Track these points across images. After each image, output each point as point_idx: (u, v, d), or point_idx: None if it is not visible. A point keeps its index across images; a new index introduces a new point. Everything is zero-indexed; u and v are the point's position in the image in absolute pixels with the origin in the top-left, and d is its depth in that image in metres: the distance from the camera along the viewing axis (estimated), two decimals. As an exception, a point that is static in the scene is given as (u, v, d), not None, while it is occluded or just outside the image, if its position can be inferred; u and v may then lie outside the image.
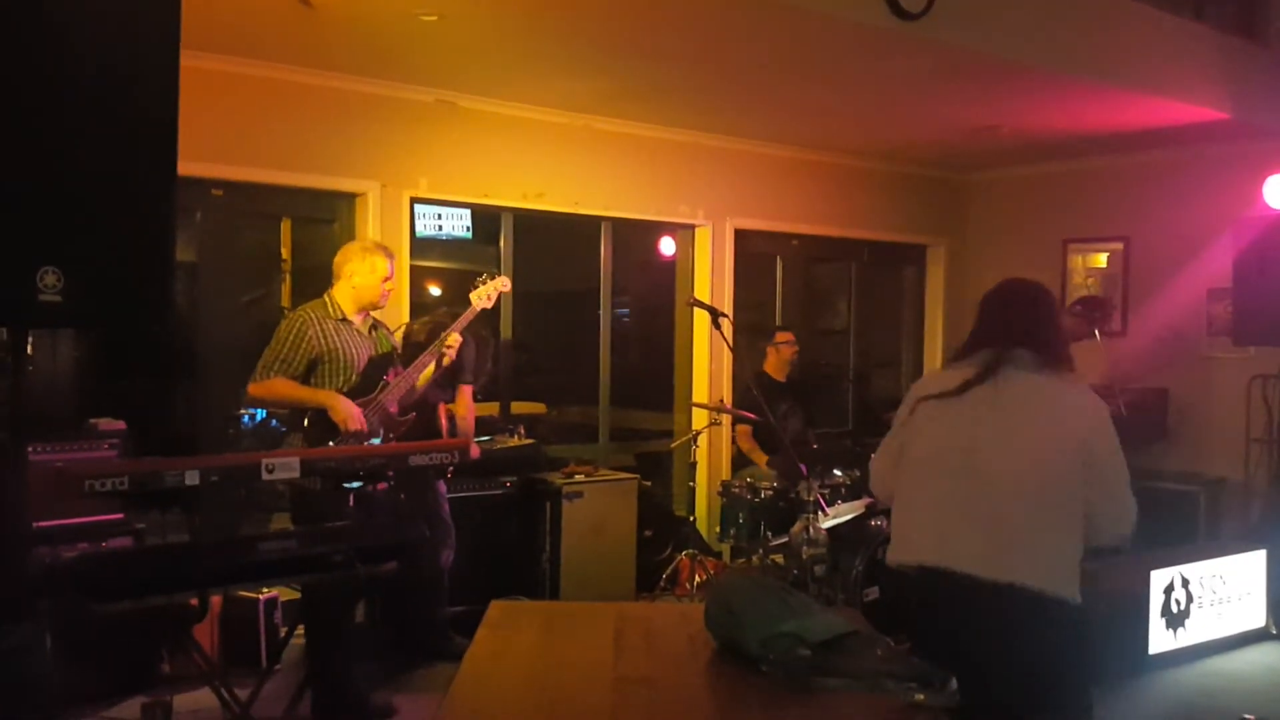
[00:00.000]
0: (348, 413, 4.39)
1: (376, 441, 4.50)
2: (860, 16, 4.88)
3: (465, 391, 5.52)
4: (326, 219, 6.29)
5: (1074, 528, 2.74)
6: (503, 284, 4.96)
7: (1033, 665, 2.71)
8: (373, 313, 4.75)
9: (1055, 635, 2.72)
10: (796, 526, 5.11)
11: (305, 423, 4.43)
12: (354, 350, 4.55)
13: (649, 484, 6.80)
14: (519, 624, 2.83)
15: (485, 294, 4.88)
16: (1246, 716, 3.04)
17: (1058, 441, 2.76)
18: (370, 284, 4.58)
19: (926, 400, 2.98)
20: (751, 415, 6.06)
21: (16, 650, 2.37)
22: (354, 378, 4.52)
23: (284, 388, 4.43)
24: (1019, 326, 2.93)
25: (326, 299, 4.61)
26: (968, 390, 2.89)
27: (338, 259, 4.66)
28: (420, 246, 6.48)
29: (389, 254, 4.70)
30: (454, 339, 4.74)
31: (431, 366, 4.77)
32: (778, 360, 6.99)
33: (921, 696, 2.13)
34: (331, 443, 4.37)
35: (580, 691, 2.33)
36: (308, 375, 4.47)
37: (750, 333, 7.88)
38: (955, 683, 2.13)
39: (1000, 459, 2.78)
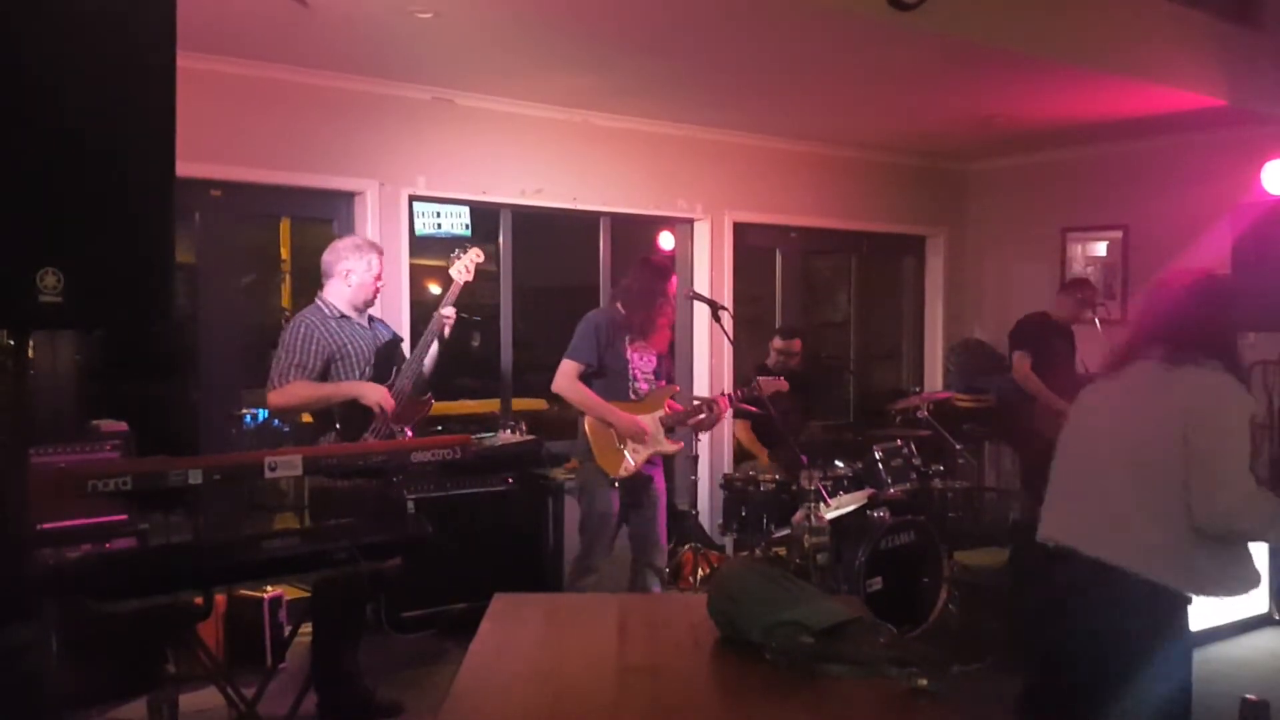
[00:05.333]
0: (379, 395, 4.36)
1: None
2: (856, 8, 4.88)
3: None
4: (325, 218, 6.28)
5: (1175, 511, 2.77)
6: (476, 255, 4.86)
7: (1116, 647, 2.80)
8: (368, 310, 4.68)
9: (1143, 619, 2.79)
10: (799, 515, 5.12)
11: (337, 424, 4.37)
12: (362, 344, 4.51)
13: (650, 478, 6.79)
14: (522, 616, 2.84)
15: (463, 267, 4.78)
16: (1248, 696, 3.03)
17: (1159, 424, 2.82)
18: (366, 282, 4.53)
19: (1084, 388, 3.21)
20: (752, 409, 6.06)
21: (21, 650, 2.38)
22: (368, 370, 4.48)
23: (306, 389, 4.36)
24: (1159, 319, 3.05)
25: (319, 301, 4.53)
26: (1105, 377, 3.11)
27: (328, 257, 4.57)
28: (419, 245, 6.48)
29: (380, 250, 4.66)
30: (450, 313, 4.65)
31: (435, 346, 4.70)
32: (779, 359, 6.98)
33: (924, 682, 2.14)
34: (368, 433, 4.36)
35: (585, 681, 2.34)
36: (323, 378, 4.42)
37: (750, 326, 7.88)
38: (956, 667, 2.14)
39: (1110, 442, 2.94)
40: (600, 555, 5.08)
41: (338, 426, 4.38)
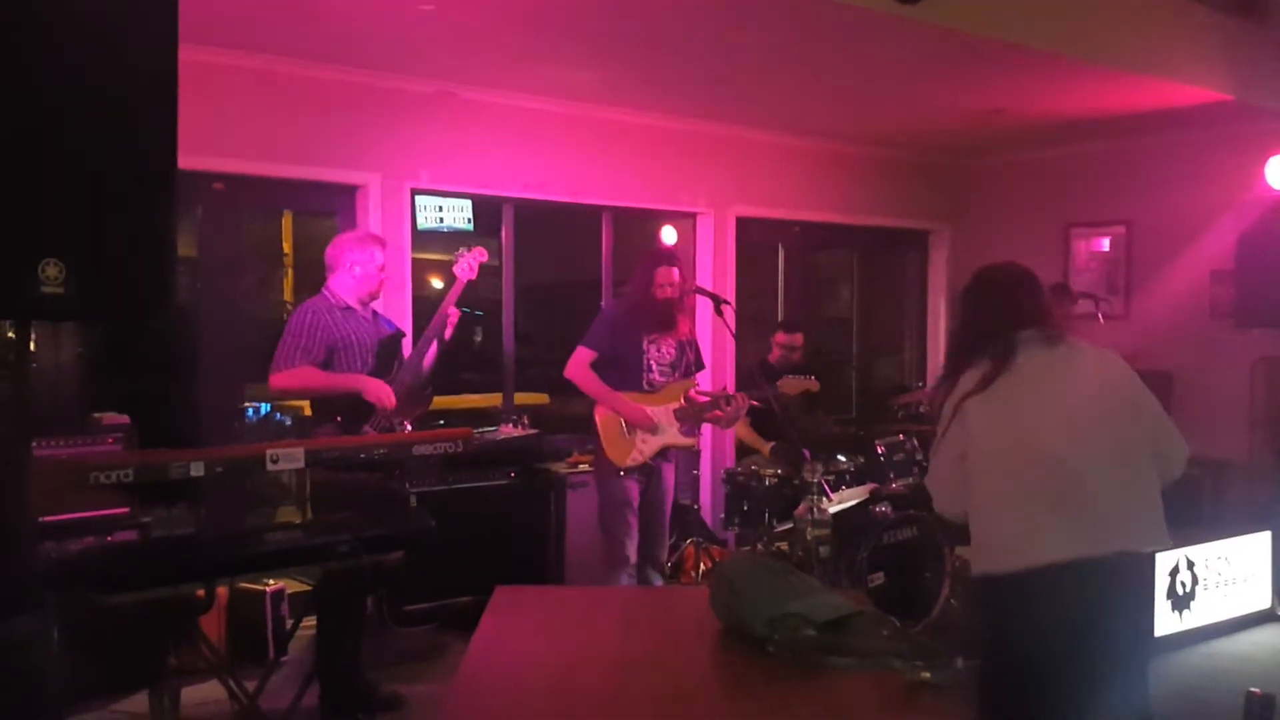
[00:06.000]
0: (380, 390, 4.37)
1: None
2: (861, 1, 4.87)
3: None
4: (328, 212, 6.28)
5: (1153, 477, 2.83)
6: (480, 253, 4.87)
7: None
8: (372, 304, 4.72)
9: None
10: (801, 507, 5.10)
11: (338, 418, 4.39)
12: (365, 336, 4.53)
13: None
14: (525, 609, 2.84)
15: (467, 265, 4.80)
16: (1254, 690, 3.03)
17: (1107, 401, 2.80)
18: (371, 273, 4.56)
19: (965, 403, 2.90)
20: (755, 403, 6.05)
21: (23, 642, 2.38)
22: (369, 362, 4.50)
23: (309, 376, 4.37)
24: (1019, 308, 2.94)
25: (325, 291, 4.57)
26: (995, 383, 2.85)
27: (332, 250, 4.61)
28: (421, 239, 6.47)
29: (383, 243, 4.71)
30: (452, 313, 4.69)
31: (436, 345, 4.72)
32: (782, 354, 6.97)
33: (927, 675, 2.13)
34: (367, 426, 4.37)
35: (587, 674, 2.34)
36: (325, 367, 4.43)
37: (753, 321, 7.88)
38: (961, 661, 2.14)
39: (1064, 437, 2.77)
40: (627, 546, 5.02)
41: (339, 419, 4.38)
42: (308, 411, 4.74)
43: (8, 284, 2.14)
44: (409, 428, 4.52)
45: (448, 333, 4.68)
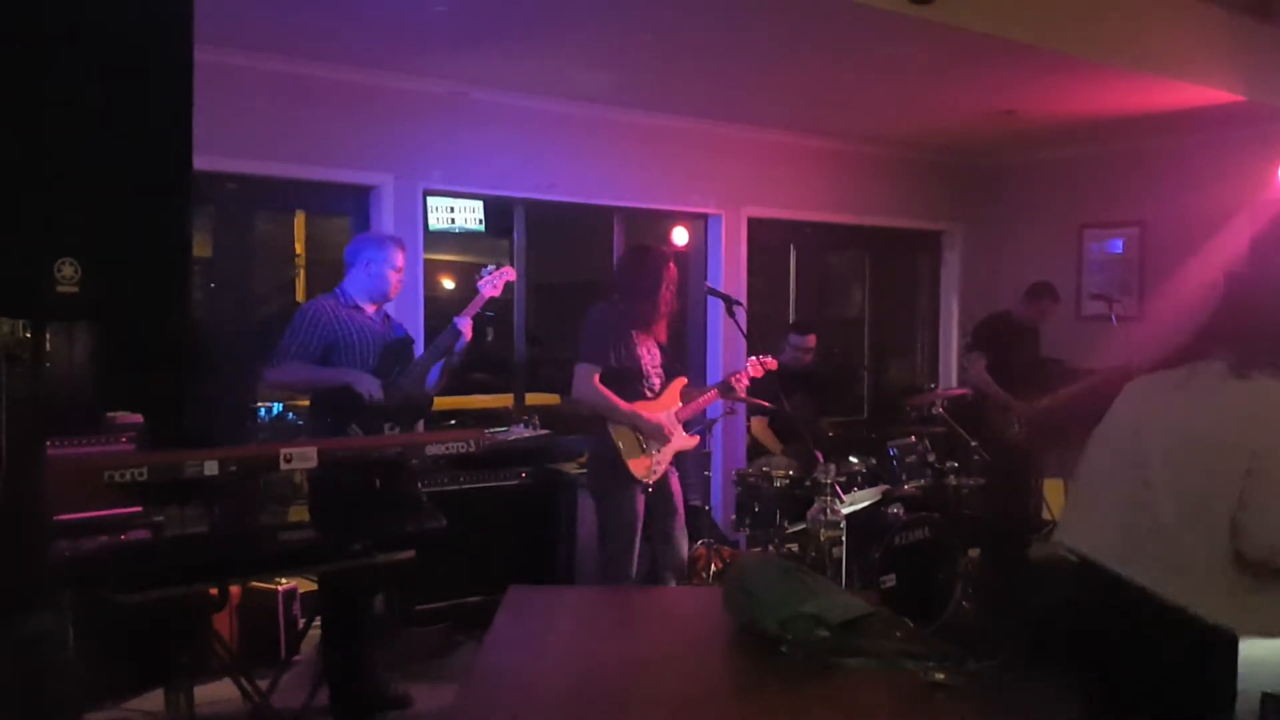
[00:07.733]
0: (370, 386, 4.41)
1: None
2: (875, 1, 4.86)
3: None
4: (340, 212, 6.29)
5: (1220, 537, 2.42)
6: (508, 274, 4.89)
7: (1162, 688, 2.50)
8: (385, 305, 4.76)
9: (1184, 658, 2.50)
10: (814, 508, 5.10)
11: (329, 420, 4.42)
12: (369, 337, 4.57)
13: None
14: (537, 608, 2.84)
15: (492, 283, 4.83)
16: (1268, 692, 3.01)
17: (1220, 445, 2.45)
18: (384, 273, 4.62)
19: (1126, 393, 2.76)
20: (766, 404, 6.05)
21: (39, 640, 2.38)
22: (371, 362, 4.53)
23: (301, 370, 4.44)
24: (1216, 322, 2.66)
25: (337, 290, 4.64)
26: (1155, 377, 2.69)
27: (350, 249, 4.70)
28: (433, 240, 6.48)
29: (401, 245, 4.75)
30: (466, 326, 4.72)
31: (442, 364, 4.76)
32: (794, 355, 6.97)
33: (941, 675, 2.13)
34: (354, 425, 4.39)
35: (599, 673, 2.34)
36: (323, 363, 4.48)
37: (764, 322, 7.87)
38: (972, 662, 2.14)
39: (1163, 455, 2.55)
40: (631, 565, 4.77)
41: (329, 420, 4.42)
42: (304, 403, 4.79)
43: (23, 283, 2.15)
44: (398, 432, 4.54)
45: (461, 343, 4.69)
